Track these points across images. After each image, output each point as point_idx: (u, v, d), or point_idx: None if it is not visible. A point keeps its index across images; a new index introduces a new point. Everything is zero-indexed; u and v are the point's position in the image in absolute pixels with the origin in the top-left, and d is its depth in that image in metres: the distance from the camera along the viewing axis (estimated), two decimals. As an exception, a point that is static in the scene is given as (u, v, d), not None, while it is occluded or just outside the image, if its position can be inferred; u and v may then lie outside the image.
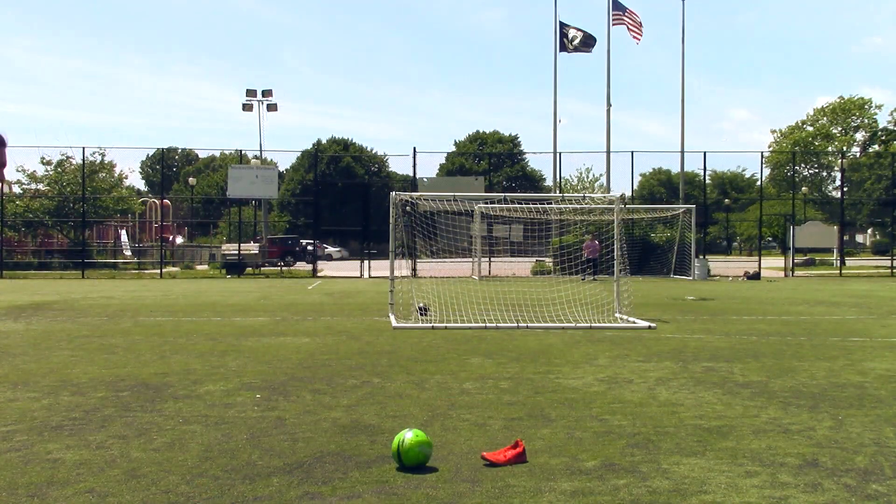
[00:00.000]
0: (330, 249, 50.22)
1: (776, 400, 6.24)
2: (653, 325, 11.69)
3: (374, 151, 69.62)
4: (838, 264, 36.34)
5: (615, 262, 13.76)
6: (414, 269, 25.93)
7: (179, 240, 51.84)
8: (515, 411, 5.79)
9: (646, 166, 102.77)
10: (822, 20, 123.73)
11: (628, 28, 33.67)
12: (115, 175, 40.15)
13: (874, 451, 4.72)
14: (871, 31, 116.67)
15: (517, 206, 20.55)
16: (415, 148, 34.17)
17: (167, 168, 74.24)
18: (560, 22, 33.96)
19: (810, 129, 65.39)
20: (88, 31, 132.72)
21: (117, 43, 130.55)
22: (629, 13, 33.55)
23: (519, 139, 71.67)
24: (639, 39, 33.87)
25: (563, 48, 33.98)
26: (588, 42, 33.80)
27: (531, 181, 66.33)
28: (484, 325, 11.60)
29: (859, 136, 64.70)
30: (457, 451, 4.69)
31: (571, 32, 33.71)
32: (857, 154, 62.34)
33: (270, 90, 40.19)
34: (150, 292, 20.25)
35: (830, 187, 66.19)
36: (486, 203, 24.53)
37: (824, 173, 67.31)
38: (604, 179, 37.05)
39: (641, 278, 27.16)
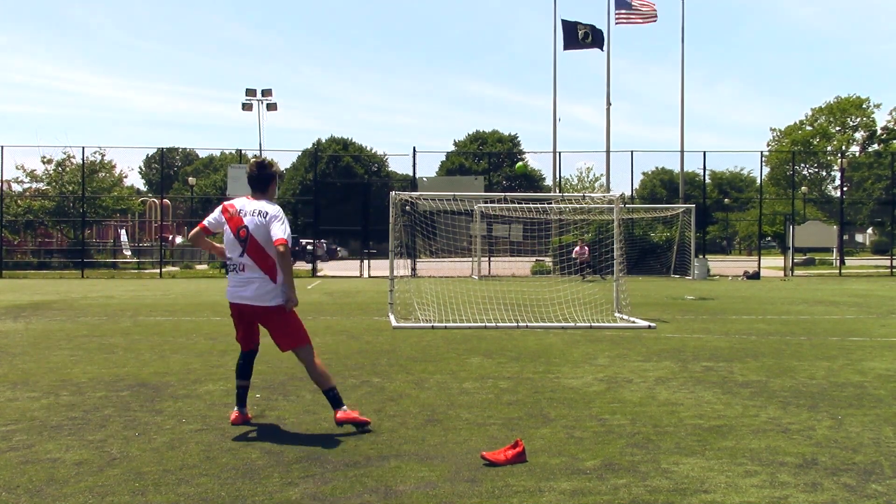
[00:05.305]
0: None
1: (776, 399, 6.24)
2: (652, 324, 11.69)
3: (373, 151, 69.72)
4: (838, 264, 36.33)
5: (615, 262, 13.75)
6: (414, 269, 25.92)
7: (179, 239, 51.77)
8: (515, 411, 5.79)
9: (647, 165, 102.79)
10: (823, 20, 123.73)
11: (636, 20, 33.37)
12: (115, 175, 40.21)
13: (874, 451, 4.72)
14: (872, 32, 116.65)
15: (517, 205, 20.55)
16: (415, 148, 34.19)
17: (167, 168, 74.21)
18: (563, 20, 33.89)
19: (809, 128, 65.40)
20: (87, 30, 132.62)
21: (117, 42, 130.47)
22: (637, 6, 33.24)
23: (519, 139, 71.76)
24: (654, 20, 33.36)
25: (570, 45, 33.78)
26: (597, 39, 33.53)
27: (531, 181, 66.32)
28: (483, 324, 11.60)
29: (858, 135, 64.72)
30: (457, 451, 4.69)
31: (581, 31, 33.53)
32: (857, 153, 62.34)
33: (270, 90, 40.03)
34: (149, 292, 20.24)
35: (830, 187, 66.21)
36: (486, 203, 24.53)
37: (824, 173, 67.32)
38: (604, 179, 37.03)
39: (641, 278, 27.16)
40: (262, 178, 5.34)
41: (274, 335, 5.31)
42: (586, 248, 26.20)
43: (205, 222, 5.35)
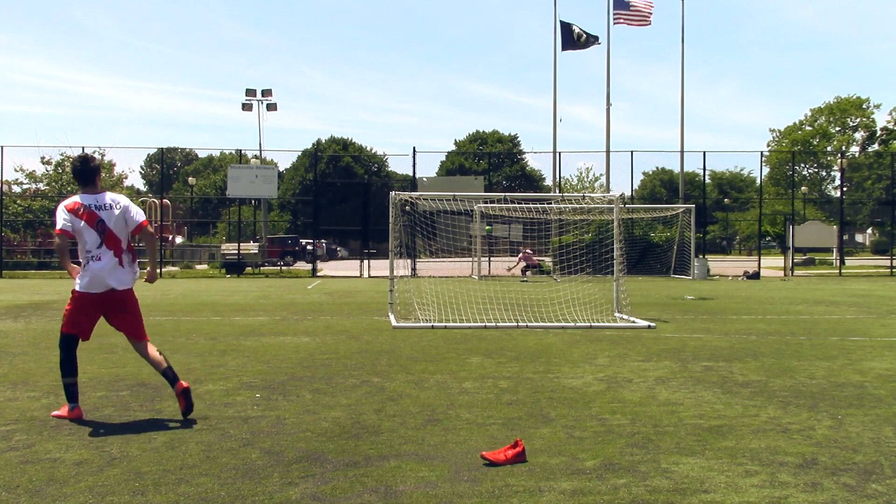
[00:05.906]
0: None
1: (775, 399, 6.24)
2: (652, 324, 11.69)
3: (373, 151, 69.83)
4: (838, 264, 36.33)
5: (615, 262, 13.75)
6: (414, 269, 25.92)
7: (179, 239, 51.75)
8: (515, 411, 5.79)
9: (647, 165, 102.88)
10: (823, 20, 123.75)
11: (632, 21, 33.40)
12: (115, 175, 40.23)
13: (873, 451, 4.73)
14: (872, 32, 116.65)
15: (517, 205, 20.55)
16: (414, 148, 34.19)
17: (167, 168, 74.21)
18: (561, 21, 33.92)
19: (809, 129, 65.41)
20: (87, 30, 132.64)
21: (117, 42, 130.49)
22: (634, 7, 33.25)
23: (519, 139, 71.86)
24: (647, 24, 33.50)
25: (567, 46, 33.82)
26: (591, 41, 33.67)
27: (531, 181, 66.38)
28: (483, 324, 11.60)
29: (858, 135, 64.74)
30: (457, 451, 4.69)
31: (577, 30, 33.59)
32: (857, 153, 62.34)
33: (270, 90, 40.15)
34: (149, 292, 20.22)
35: (830, 187, 66.22)
36: (486, 203, 24.53)
37: (823, 173, 67.33)
38: (604, 179, 37.04)
39: (641, 278, 27.17)
40: (88, 171, 5.63)
41: (129, 322, 5.69)
42: (529, 251, 28.31)
43: (62, 228, 5.47)
